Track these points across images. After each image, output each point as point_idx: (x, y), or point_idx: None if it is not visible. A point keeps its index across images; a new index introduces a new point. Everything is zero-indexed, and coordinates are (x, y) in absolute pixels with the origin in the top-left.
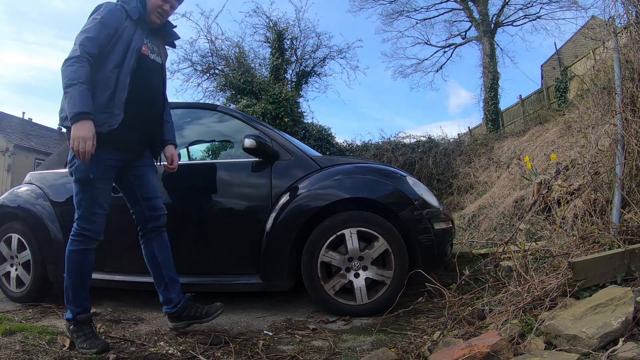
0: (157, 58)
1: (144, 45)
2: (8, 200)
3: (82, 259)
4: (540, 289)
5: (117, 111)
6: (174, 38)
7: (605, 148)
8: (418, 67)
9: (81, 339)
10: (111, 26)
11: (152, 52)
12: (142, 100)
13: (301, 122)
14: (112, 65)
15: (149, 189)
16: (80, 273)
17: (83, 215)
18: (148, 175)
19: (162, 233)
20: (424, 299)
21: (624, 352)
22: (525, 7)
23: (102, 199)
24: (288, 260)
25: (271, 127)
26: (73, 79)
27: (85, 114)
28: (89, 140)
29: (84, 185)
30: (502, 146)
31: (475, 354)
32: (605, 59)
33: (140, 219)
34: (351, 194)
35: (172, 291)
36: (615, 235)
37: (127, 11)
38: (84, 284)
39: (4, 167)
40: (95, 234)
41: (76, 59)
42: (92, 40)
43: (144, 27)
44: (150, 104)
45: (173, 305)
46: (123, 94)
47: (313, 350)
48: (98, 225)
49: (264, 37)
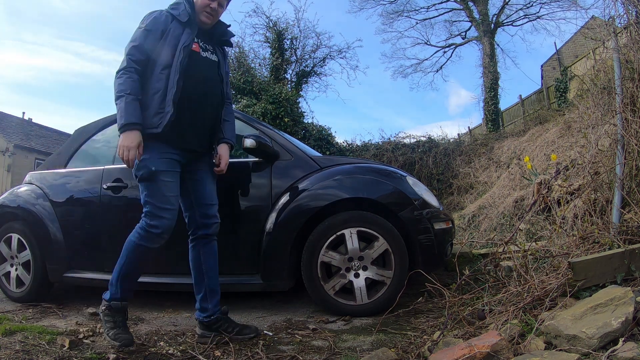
0: (211, 56)
1: (194, 43)
2: (8, 200)
3: (140, 254)
4: (540, 289)
5: (168, 108)
6: (228, 37)
7: (605, 148)
8: (418, 67)
9: (109, 325)
10: (157, 31)
11: (204, 50)
12: (195, 98)
13: (301, 122)
14: (161, 67)
15: (205, 195)
16: (133, 265)
17: (150, 212)
18: (205, 181)
19: (211, 241)
20: (424, 299)
21: (624, 352)
22: (525, 7)
23: (169, 192)
24: (288, 260)
25: (271, 127)
26: (121, 91)
27: (132, 124)
28: (132, 149)
29: (148, 180)
30: (502, 146)
31: (475, 354)
32: (605, 59)
33: (191, 224)
34: (351, 194)
35: (209, 301)
36: (615, 235)
37: (174, 16)
38: (133, 275)
39: (4, 167)
40: (163, 231)
41: (124, 71)
42: (138, 48)
43: (194, 27)
44: (205, 101)
45: (208, 315)
46: (172, 91)
47: (313, 350)
48: (167, 222)
49: (264, 37)
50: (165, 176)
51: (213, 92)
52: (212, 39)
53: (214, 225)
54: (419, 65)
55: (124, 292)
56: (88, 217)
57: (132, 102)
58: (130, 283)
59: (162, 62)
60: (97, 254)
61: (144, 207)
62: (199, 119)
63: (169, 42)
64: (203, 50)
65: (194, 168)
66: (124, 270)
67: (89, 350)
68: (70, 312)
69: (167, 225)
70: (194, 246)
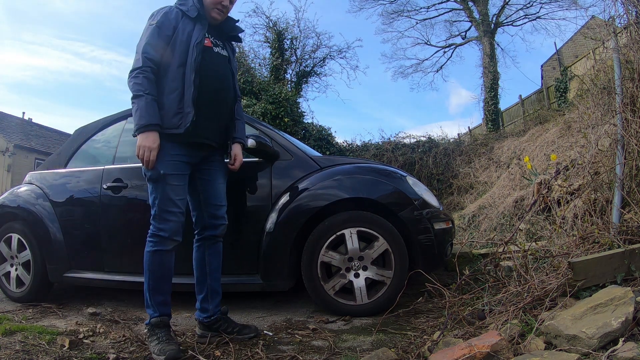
0: (222, 51)
1: (206, 39)
2: (8, 200)
3: (157, 260)
4: (540, 289)
5: (188, 109)
6: (237, 32)
7: (605, 148)
8: (418, 67)
9: (154, 342)
10: (168, 27)
11: (215, 45)
12: (213, 95)
13: (301, 122)
14: (176, 65)
15: (214, 196)
16: (155, 276)
17: (157, 214)
18: (216, 180)
19: (217, 243)
20: (424, 299)
21: (624, 352)
22: (525, 7)
23: (176, 196)
24: (288, 260)
25: (271, 127)
26: (139, 91)
27: (152, 125)
28: (153, 150)
29: (157, 182)
30: (502, 146)
31: (475, 354)
32: (605, 59)
33: (198, 223)
34: (351, 194)
35: (211, 302)
36: (615, 235)
37: (183, 12)
38: (160, 287)
39: (4, 167)
40: (171, 234)
41: (139, 70)
42: (152, 46)
43: (204, 23)
44: (220, 97)
45: (208, 315)
46: (190, 90)
47: (313, 350)
48: (173, 225)
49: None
50: (173, 179)
51: (227, 88)
52: (221, 34)
53: (221, 226)
54: (419, 66)
55: (159, 307)
56: (88, 217)
57: (151, 102)
58: (162, 295)
59: (176, 60)
60: (97, 254)
61: (152, 209)
62: (215, 116)
63: (181, 39)
64: (214, 45)
65: (204, 167)
66: (151, 285)
67: (89, 350)
68: (70, 312)
69: (173, 228)
70: (199, 246)
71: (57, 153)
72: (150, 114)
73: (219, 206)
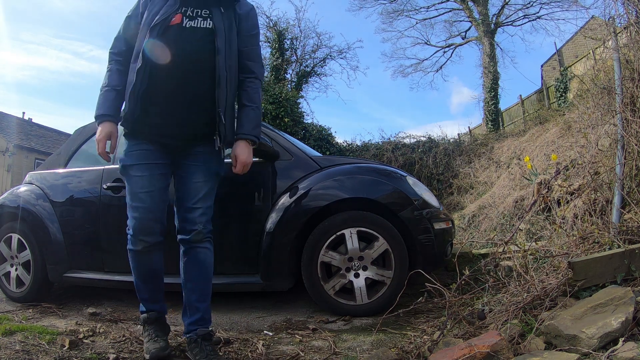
0: (202, 23)
1: (175, 15)
2: (8, 200)
3: (133, 259)
4: (540, 289)
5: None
6: None
7: (605, 148)
8: (418, 67)
9: (145, 339)
10: (137, 15)
11: (191, 18)
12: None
13: (301, 122)
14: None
15: (186, 195)
16: (135, 273)
17: (128, 212)
18: (191, 178)
19: (194, 249)
20: (424, 299)
21: (624, 352)
22: (525, 7)
23: (140, 189)
24: (288, 260)
25: (271, 127)
26: (101, 87)
27: (101, 116)
28: (100, 142)
29: (124, 176)
30: (502, 146)
31: (475, 354)
32: (605, 59)
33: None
34: (351, 194)
35: (187, 317)
36: (615, 235)
37: None
38: (142, 285)
39: (4, 167)
40: (135, 232)
41: (107, 66)
42: (119, 40)
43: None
44: (184, 82)
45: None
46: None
47: (313, 350)
48: (136, 223)
49: (264, 37)
50: (135, 171)
51: (202, 69)
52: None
53: (193, 232)
54: (419, 65)
55: (145, 303)
56: (88, 217)
57: (104, 94)
58: (148, 292)
59: (137, 49)
60: (97, 254)
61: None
62: (172, 107)
63: (144, 23)
64: (189, 19)
65: (183, 162)
66: (135, 282)
67: (89, 350)
68: (70, 312)
69: (137, 226)
70: (181, 252)
71: (57, 153)
72: (100, 104)
73: (191, 208)
